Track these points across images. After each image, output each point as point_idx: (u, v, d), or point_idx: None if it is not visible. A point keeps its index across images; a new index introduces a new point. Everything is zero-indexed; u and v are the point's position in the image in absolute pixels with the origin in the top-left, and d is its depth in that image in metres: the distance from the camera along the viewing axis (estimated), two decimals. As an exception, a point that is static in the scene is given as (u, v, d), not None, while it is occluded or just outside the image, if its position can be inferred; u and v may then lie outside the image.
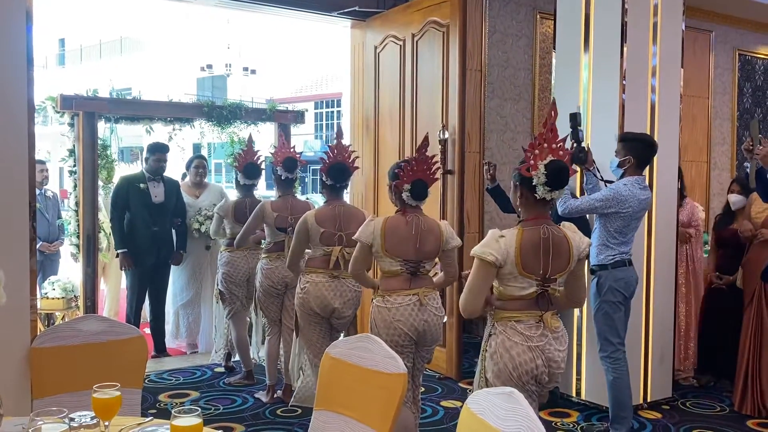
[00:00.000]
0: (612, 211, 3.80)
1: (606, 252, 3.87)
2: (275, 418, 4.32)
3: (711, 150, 7.49)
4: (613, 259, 3.85)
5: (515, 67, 6.51)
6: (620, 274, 3.86)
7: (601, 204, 3.81)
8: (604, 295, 3.86)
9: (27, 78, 2.78)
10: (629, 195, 3.79)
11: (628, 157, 3.89)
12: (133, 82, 20.83)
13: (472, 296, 2.65)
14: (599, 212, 3.85)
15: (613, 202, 3.79)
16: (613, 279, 3.85)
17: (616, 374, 3.86)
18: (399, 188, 3.30)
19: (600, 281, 3.88)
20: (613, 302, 3.86)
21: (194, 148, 7.70)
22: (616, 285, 3.85)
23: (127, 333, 2.69)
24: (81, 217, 5.49)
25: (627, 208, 3.79)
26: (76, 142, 5.48)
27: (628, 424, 3.86)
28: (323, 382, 2.38)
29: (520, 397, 1.74)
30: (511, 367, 2.62)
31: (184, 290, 5.87)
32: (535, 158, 2.64)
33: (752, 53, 7.93)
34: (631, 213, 3.81)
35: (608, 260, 3.86)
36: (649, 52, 4.46)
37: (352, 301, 3.93)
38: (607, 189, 3.87)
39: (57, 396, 2.42)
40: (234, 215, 4.88)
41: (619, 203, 3.78)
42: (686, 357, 5.04)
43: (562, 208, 3.89)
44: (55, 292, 5.60)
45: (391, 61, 5.64)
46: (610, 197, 3.79)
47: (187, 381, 5.05)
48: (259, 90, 24.29)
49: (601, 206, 3.82)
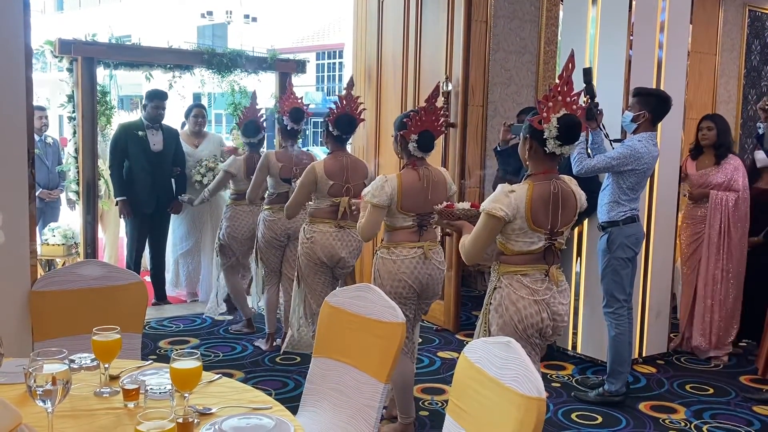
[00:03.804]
0: (629, 168, 3.77)
1: (618, 209, 3.85)
2: (274, 365, 4.38)
3: (716, 108, 7.40)
4: (624, 216, 3.85)
5: (521, 19, 6.39)
6: (631, 230, 3.86)
7: (618, 162, 3.77)
8: (615, 251, 3.86)
9: (24, 22, 2.73)
10: (645, 152, 3.77)
11: (643, 111, 3.84)
12: (132, 29, 20.49)
13: (475, 248, 2.67)
14: (615, 170, 3.81)
15: (630, 159, 3.75)
16: (624, 235, 3.85)
17: (618, 330, 3.88)
18: (406, 138, 3.25)
19: (611, 237, 3.87)
20: (623, 258, 3.87)
21: (194, 98, 7.63)
22: (627, 241, 3.85)
23: (127, 278, 2.70)
24: (81, 164, 5.46)
25: (642, 165, 3.77)
26: (75, 87, 5.42)
27: (624, 379, 3.91)
28: (322, 330, 2.39)
29: (518, 346, 1.75)
30: (516, 319, 2.63)
31: (184, 239, 5.87)
32: (548, 111, 2.58)
33: (762, 9, 7.77)
34: (645, 170, 3.80)
35: (620, 216, 3.85)
36: (658, 7, 4.37)
37: (357, 250, 3.98)
38: (622, 146, 3.82)
39: (57, 339, 2.44)
40: (246, 172, 4.80)
41: (636, 160, 3.76)
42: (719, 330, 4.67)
43: (578, 168, 3.84)
44: (55, 238, 5.62)
45: (395, 10, 5.54)
46: (627, 154, 3.75)
47: (187, 328, 5.10)
48: (259, 39, 23.90)
49: (617, 164, 3.78)
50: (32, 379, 1.61)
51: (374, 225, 3.22)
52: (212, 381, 2.06)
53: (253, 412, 1.85)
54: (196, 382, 1.79)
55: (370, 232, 3.24)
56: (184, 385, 1.76)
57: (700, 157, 4.73)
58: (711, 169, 4.65)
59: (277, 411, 1.87)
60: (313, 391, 2.35)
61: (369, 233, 3.25)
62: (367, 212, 3.23)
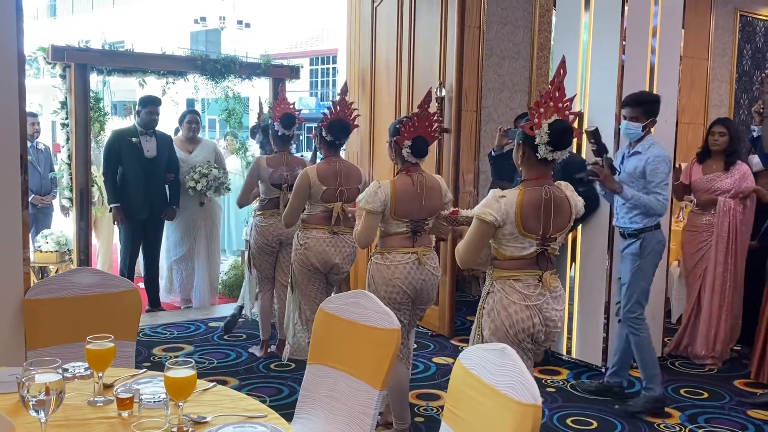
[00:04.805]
0: None
1: (649, 216, 3.83)
2: (269, 372, 4.37)
3: (708, 112, 7.45)
4: (655, 221, 3.86)
5: (514, 24, 6.41)
6: (660, 235, 3.91)
7: (667, 175, 3.80)
8: (647, 257, 3.85)
9: (17, 28, 2.72)
10: (668, 154, 3.87)
11: (651, 119, 3.86)
12: (125, 35, 20.45)
13: (468, 252, 2.69)
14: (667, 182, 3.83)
15: (669, 167, 3.83)
16: (655, 240, 3.86)
17: (642, 334, 3.84)
18: (399, 144, 3.26)
19: (644, 243, 3.84)
20: (654, 264, 3.90)
21: (188, 104, 7.62)
22: (658, 246, 3.88)
23: (121, 286, 2.68)
24: (74, 170, 5.44)
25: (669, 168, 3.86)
26: (68, 94, 5.40)
27: (659, 380, 3.85)
28: (317, 336, 2.39)
29: (513, 353, 1.75)
30: (507, 324, 2.64)
31: (178, 246, 5.86)
32: (539, 117, 2.58)
33: (753, 14, 7.82)
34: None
35: (652, 222, 3.85)
36: (650, 12, 4.39)
37: (351, 256, 3.97)
38: (658, 160, 3.77)
39: (51, 347, 2.43)
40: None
41: (669, 164, 3.84)
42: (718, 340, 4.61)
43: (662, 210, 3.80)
44: (48, 245, 5.59)
45: (388, 16, 5.55)
46: (667, 165, 3.79)
47: (181, 335, 5.09)
48: (253, 45, 23.89)
49: (667, 177, 3.81)
50: (25, 389, 1.60)
51: (370, 231, 3.23)
52: (207, 389, 2.06)
53: (248, 421, 1.84)
54: (190, 390, 1.78)
55: (367, 238, 3.25)
56: (178, 394, 1.75)
57: (707, 161, 4.66)
58: (719, 174, 4.58)
59: (272, 419, 1.86)
60: (308, 398, 2.35)
61: (365, 240, 3.26)
62: (362, 219, 3.25)
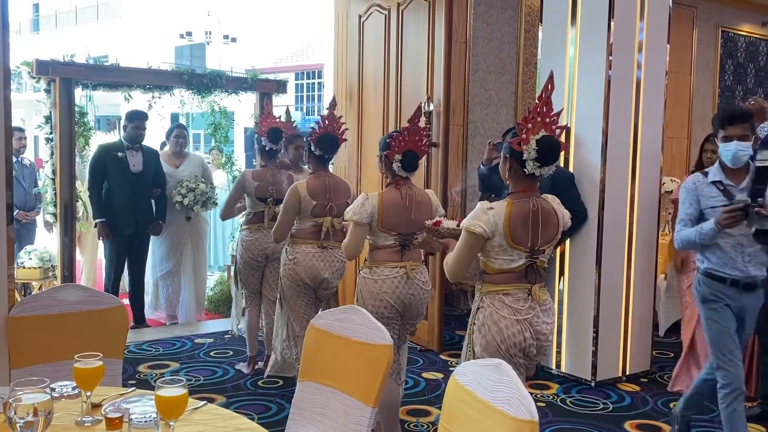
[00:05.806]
0: None
1: None
2: (256, 389, 4.32)
3: (692, 126, 7.53)
4: None
5: (500, 39, 6.45)
6: None
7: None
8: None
9: (2, 42, 2.69)
10: None
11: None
12: (110, 50, 20.37)
13: (457, 265, 2.68)
14: None
15: None
16: None
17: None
18: (390, 158, 3.26)
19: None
20: None
21: (173, 118, 7.58)
22: None
23: (107, 303, 2.64)
24: (58, 185, 5.38)
25: None
26: (52, 108, 5.36)
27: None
28: (308, 353, 2.36)
29: (509, 368, 1.73)
30: (498, 339, 2.63)
31: (163, 261, 5.80)
32: (527, 132, 2.59)
33: (735, 30, 7.93)
34: None
35: None
36: (636, 28, 4.44)
37: (340, 271, 3.95)
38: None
39: (35, 366, 2.38)
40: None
41: None
42: None
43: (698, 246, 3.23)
44: (31, 261, 5.52)
45: (375, 31, 5.56)
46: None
47: (167, 352, 5.02)
48: (239, 59, 23.88)
49: None
50: (12, 410, 1.56)
51: (357, 243, 3.24)
52: (197, 408, 2.02)
53: (239, 440, 1.81)
54: (181, 410, 1.74)
55: (354, 250, 3.25)
56: (169, 414, 1.71)
57: None
58: None
59: (264, 438, 1.83)
60: (299, 415, 2.31)
61: (352, 252, 3.26)
62: (349, 230, 3.26)
